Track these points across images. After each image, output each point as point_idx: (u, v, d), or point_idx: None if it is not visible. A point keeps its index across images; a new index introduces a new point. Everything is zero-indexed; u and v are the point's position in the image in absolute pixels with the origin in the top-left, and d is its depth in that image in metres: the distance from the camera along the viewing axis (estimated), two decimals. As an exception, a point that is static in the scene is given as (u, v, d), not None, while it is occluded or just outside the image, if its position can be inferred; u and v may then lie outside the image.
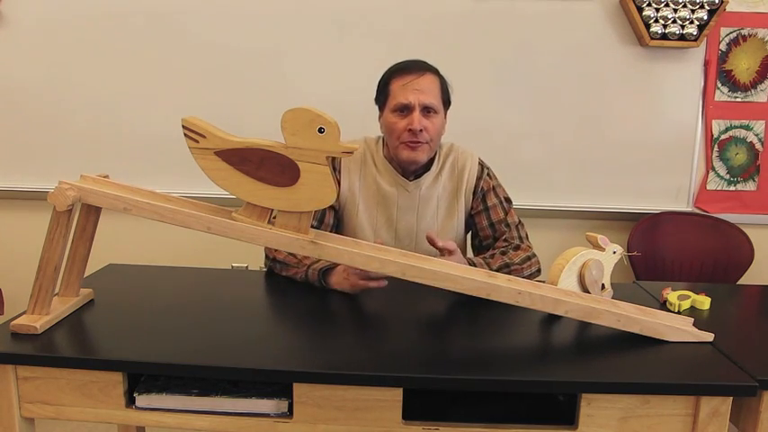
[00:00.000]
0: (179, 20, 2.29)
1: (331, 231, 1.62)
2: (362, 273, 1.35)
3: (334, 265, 1.42)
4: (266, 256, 1.56)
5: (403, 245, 1.62)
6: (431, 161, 1.62)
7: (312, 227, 1.55)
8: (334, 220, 1.64)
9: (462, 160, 1.64)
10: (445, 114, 1.60)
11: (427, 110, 1.52)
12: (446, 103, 1.59)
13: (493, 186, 1.64)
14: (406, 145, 1.53)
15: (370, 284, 1.37)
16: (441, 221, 1.63)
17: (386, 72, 1.59)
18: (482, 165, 1.66)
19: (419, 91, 1.51)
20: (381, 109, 1.59)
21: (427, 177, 1.62)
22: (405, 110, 1.52)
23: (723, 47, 2.32)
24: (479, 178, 1.64)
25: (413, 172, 1.62)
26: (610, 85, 2.33)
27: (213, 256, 2.27)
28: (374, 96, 1.62)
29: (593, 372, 1.08)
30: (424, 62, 1.58)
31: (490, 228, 1.62)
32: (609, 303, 1.22)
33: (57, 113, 2.35)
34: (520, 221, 1.64)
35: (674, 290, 1.43)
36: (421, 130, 1.50)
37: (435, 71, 1.58)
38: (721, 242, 2.36)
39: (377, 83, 1.61)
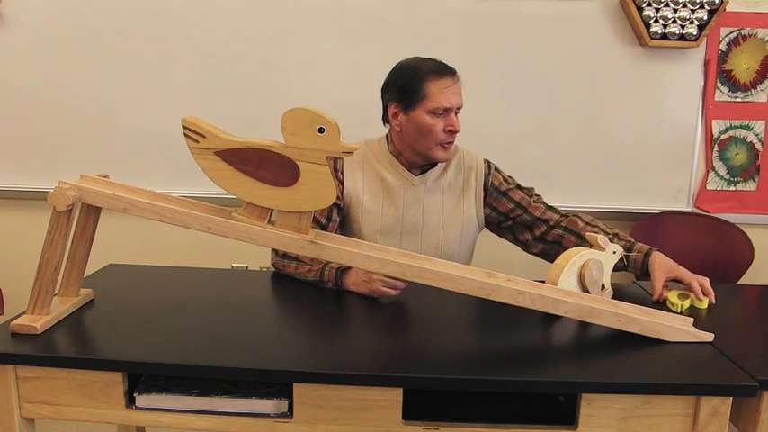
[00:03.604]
0: (179, 20, 2.29)
1: (337, 229, 1.64)
2: (388, 280, 1.38)
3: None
4: (275, 251, 1.57)
5: (409, 239, 1.64)
6: None
7: (320, 223, 1.59)
8: (339, 218, 1.65)
9: (469, 161, 1.69)
10: None
11: (457, 111, 1.59)
12: None
13: (503, 178, 1.70)
14: (442, 146, 1.58)
15: (391, 293, 1.40)
16: (446, 216, 1.66)
17: (413, 73, 1.56)
18: (488, 162, 1.71)
19: (456, 94, 1.57)
20: (407, 109, 1.57)
21: (433, 172, 1.66)
22: (443, 112, 1.56)
23: (723, 47, 2.32)
24: (487, 175, 1.69)
25: (420, 167, 1.65)
26: (610, 85, 2.33)
27: (213, 256, 2.27)
28: (393, 94, 1.59)
29: (593, 372, 1.08)
30: (449, 65, 1.59)
31: (518, 208, 1.67)
32: (609, 303, 1.22)
33: (57, 113, 2.35)
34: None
35: (674, 289, 1.43)
36: (458, 131, 1.57)
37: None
38: (721, 242, 2.36)
39: (400, 80, 1.58)
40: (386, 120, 1.64)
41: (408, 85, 1.57)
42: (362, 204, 1.63)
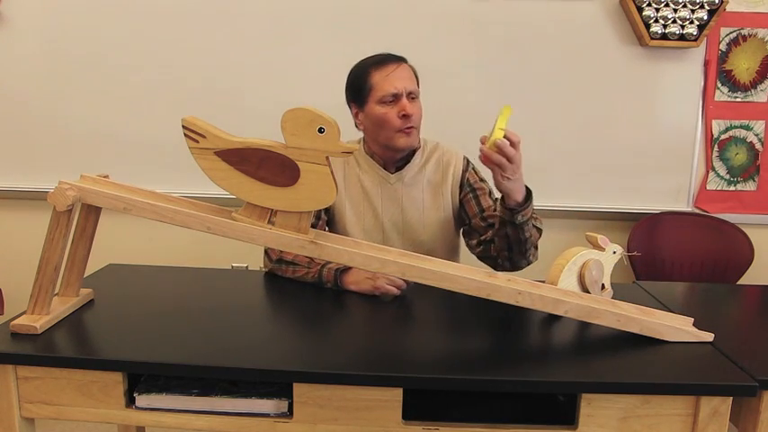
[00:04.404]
0: (179, 20, 2.29)
1: (324, 228, 1.65)
2: (393, 279, 1.39)
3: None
4: (268, 258, 1.56)
5: (390, 238, 1.64)
6: (411, 153, 1.66)
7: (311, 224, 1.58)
8: (327, 217, 1.66)
9: (448, 157, 1.68)
10: None
11: (411, 96, 1.57)
12: None
13: (478, 178, 1.69)
14: (402, 132, 1.56)
15: (395, 291, 1.40)
16: (426, 213, 1.65)
17: (358, 69, 1.60)
18: (467, 159, 1.70)
19: (402, 78, 1.56)
20: (362, 105, 1.60)
21: (410, 170, 1.66)
22: (393, 99, 1.55)
23: (723, 47, 2.32)
24: (465, 171, 1.68)
25: (394, 164, 1.65)
26: (610, 85, 2.32)
27: (213, 256, 2.27)
28: (348, 95, 1.62)
29: (593, 372, 1.08)
30: (394, 54, 1.60)
31: (480, 214, 1.65)
32: (609, 303, 1.22)
33: (57, 113, 2.35)
34: None
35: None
36: (411, 115, 1.55)
37: (406, 60, 1.61)
38: (721, 242, 2.36)
39: (349, 81, 1.61)
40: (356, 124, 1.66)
41: (356, 82, 1.60)
42: (345, 207, 1.64)
